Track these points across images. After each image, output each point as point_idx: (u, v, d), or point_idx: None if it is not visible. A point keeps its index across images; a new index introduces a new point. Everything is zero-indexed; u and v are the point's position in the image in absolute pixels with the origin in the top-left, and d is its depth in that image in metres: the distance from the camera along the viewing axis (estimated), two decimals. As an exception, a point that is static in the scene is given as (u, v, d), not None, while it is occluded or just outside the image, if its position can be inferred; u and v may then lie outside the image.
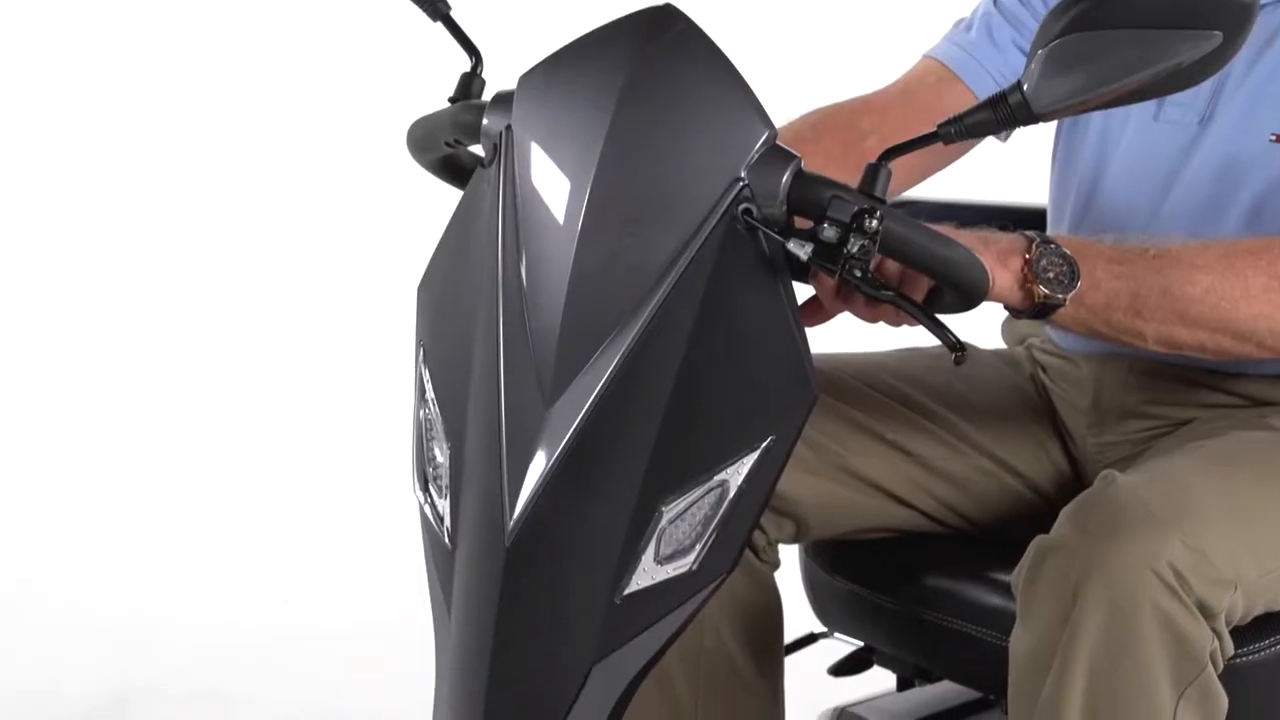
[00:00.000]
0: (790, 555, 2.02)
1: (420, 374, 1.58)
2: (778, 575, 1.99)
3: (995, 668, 1.75)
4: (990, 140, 2.13)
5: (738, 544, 1.49)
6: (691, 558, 1.48)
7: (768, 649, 1.93)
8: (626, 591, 1.48)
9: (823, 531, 1.92)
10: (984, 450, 1.93)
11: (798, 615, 2.08)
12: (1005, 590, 1.78)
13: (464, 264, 1.55)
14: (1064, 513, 1.60)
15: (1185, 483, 1.63)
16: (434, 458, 1.55)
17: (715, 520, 1.47)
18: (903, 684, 2.05)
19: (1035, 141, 2.26)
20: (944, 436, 1.92)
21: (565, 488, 1.46)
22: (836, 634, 2.08)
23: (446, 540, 1.53)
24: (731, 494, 1.47)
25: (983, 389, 1.97)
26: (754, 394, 1.47)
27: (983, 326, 1.92)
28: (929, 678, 1.98)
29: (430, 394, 1.56)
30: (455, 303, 1.56)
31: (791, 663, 2.08)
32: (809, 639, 2.09)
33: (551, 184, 1.49)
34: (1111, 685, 1.56)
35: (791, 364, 1.46)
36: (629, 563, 1.47)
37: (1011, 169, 2.58)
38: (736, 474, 1.47)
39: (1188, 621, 1.57)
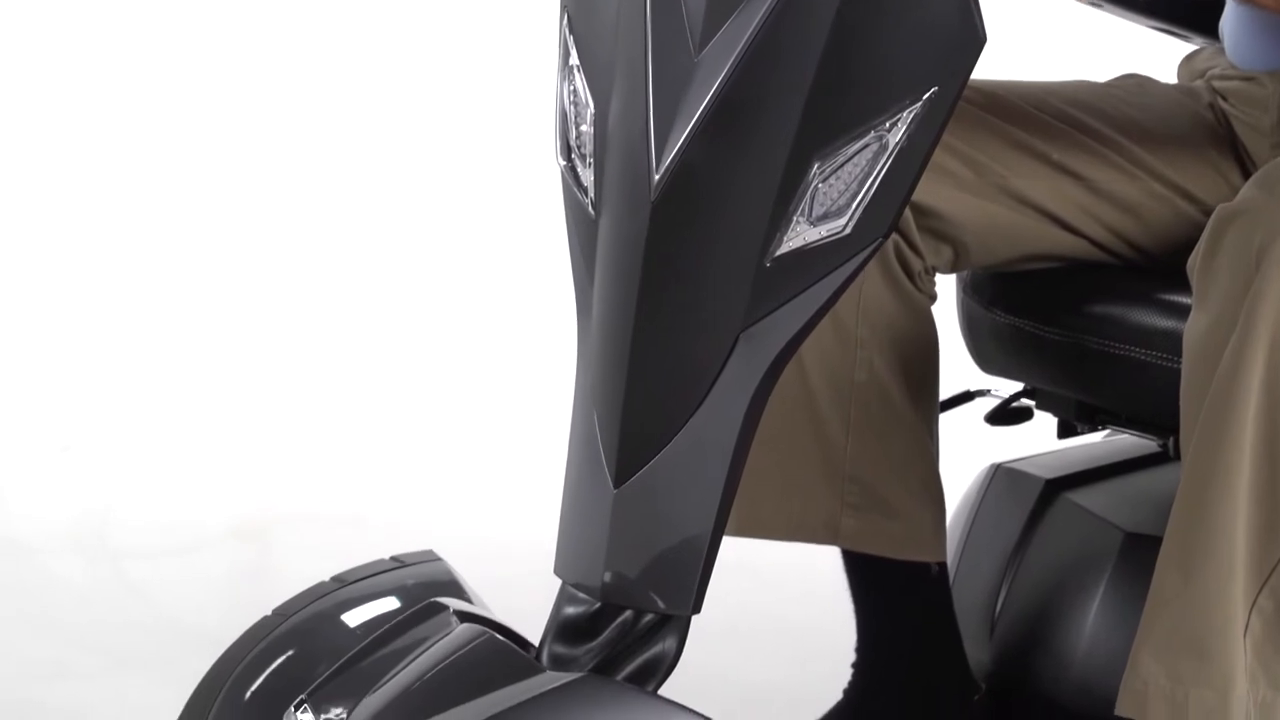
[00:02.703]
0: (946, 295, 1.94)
1: (564, 41, 1.51)
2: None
3: (1165, 393, 1.67)
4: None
5: (895, 207, 1.41)
6: (845, 219, 1.40)
7: (923, 383, 1.86)
8: (777, 253, 1.41)
9: (982, 258, 1.84)
10: (1158, 174, 1.82)
11: (953, 373, 2.01)
12: (1178, 312, 1.70)
13: (612, -84, 1.48)
14: (1248, 183, 1.51)
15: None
16: (578, 127, 1.49)
17: (872, 179, 1.39)
18: (1064, 429, 1.96)
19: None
20: (1115, 160, 1.82)
21: (713, 139, 1.39)
22: (993, 390, 2.01)
23: (590, 210, 1.47)
24: (890, 150, 1.39)
25: (1158, 115, 1.86)
26: (917, 40, 1.37)
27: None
28: (1092, 421, 1.89)
29: (575, 60, 1.49)
30: (601, -41, 1.49)
31: (947, 420, 2.00)
32: (965, 396, 2.01)
33: None
34: (1297, 353, 1.46)
35: (958, 5, 1.37)
36: (779, 222, 1.40)
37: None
38: (896, 129, 1.39)
39: None
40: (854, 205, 1.40)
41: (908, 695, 1.89)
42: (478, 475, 3.35)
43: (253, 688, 1.60)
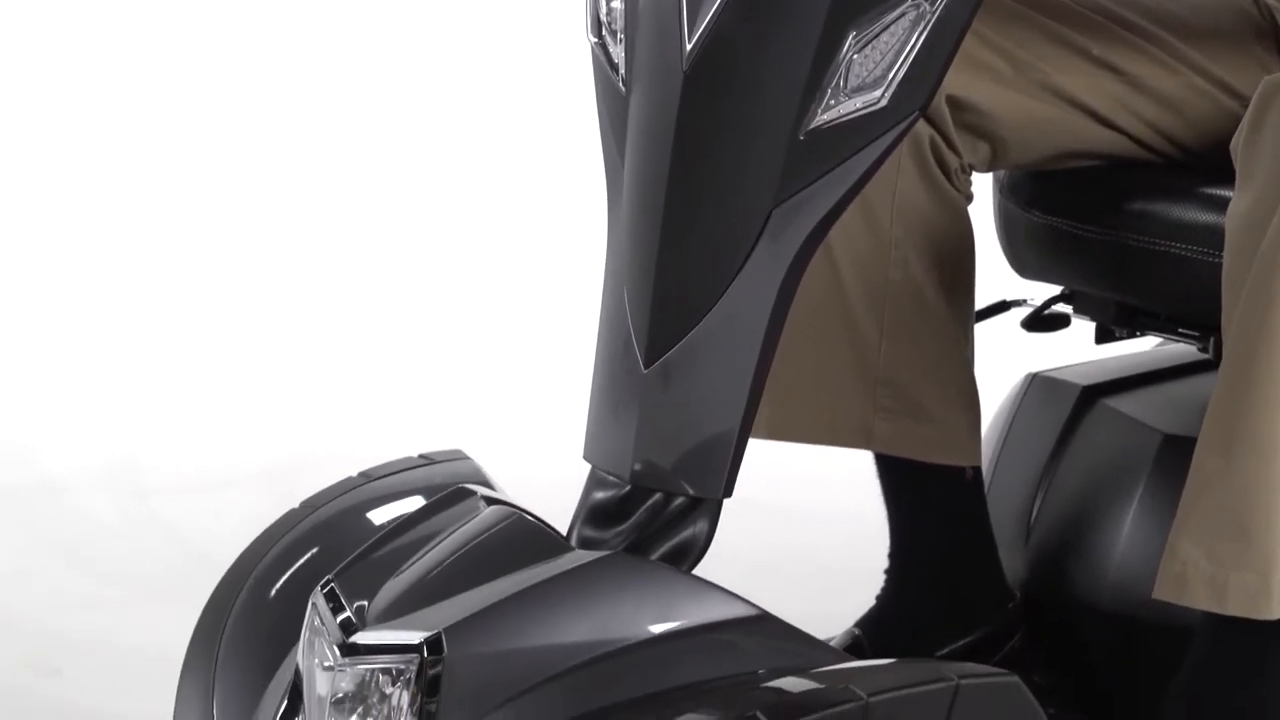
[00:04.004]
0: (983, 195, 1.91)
1: (594, -83, 1.49)
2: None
3: (1206, 289, 1.63)
4: None
5: (932, 79, 1.38)
6: (881, 91, 1.37)
7: (959, 284, 1.82)
8: (811, 126, 1.38)
9: (1019, 155, 1.80)
10: (1200, 69, 1.78)
11: (987, 283, 1.98)
12: (1220, 206, 1.65)
13: None
14: None
15: None
16: (609, 3, 1.46)
17: (908, 49, 1.36)
18: (1102, 334, 1.92)
19: None
20: (1156, 54, 1.78)
21: (747, 8, 1.37)
22: (1029, 299, 1.98)
23: (621, 86, 1.44)
24: (927, 20, 1.36)
25: (1200, 9, 1.82)
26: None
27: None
28: (1131, 324, 1.86)
29: (605, -65, 1.47)
30: None
31: (981, 330, 1.97)
32: (1000, 306, 1.98)
33: None
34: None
35: None
36: (814, 94, 1.37)
37: None
38: (934, -4, 1.37)
39: None
40: (890, 76, 1.37)
41: (941, 602, 1.86)
42: (510, 420, 3.35)
43: (277, 578, 1.59)
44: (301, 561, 1.60)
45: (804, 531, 2.99)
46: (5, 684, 2.53)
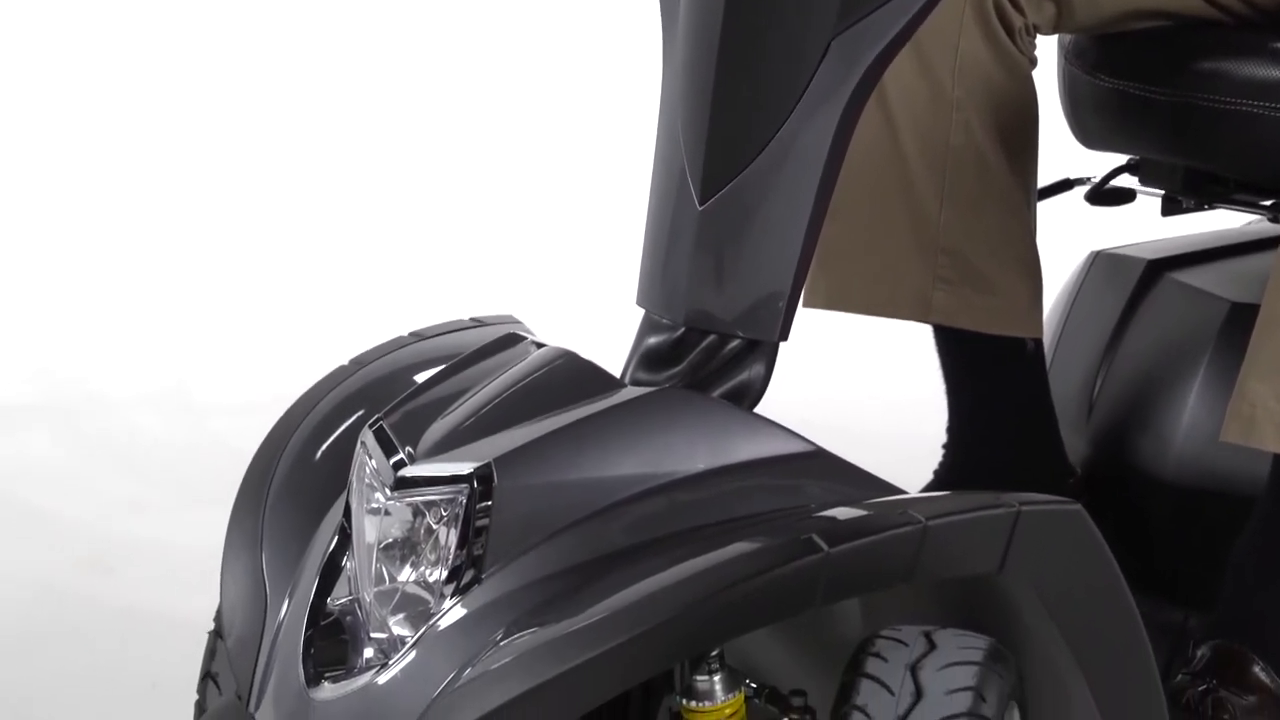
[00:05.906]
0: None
1: None
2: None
3: (1277, 148, 1.60)
4: None
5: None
6: (945, -85, 1.35)
7: (1022, 150, 1.78)
8: (872, -47, 1.35)
9: (1086, 16, 1.76)
10: (1273, -73, 1.74)
11: (1051, 157, 1.95)
12: (1292, 62, 1.63)
13: None
14: None
15: None
16: None
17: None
18: (1169, 206, 1.88)
19: None
20: (1230, -90, 1.74)
21: None
22: (1093, 177, 1.93)
23: (677, -86, 1.41)
24: None
25: None
26: None
27: None
28: (1198, 192, 1.81)
29: None
30: None
31: (1045, 210, 1.93)
32: (1064, 184, 1.94)
33: None
34: None
35: None
36: (872, -85, 1.34)
37: None
38: None
39: None
40: (953, -100, 1.35)
41: (1000, 476, 1.82)
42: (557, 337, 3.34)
43: (325, 430, 1.56)
44: (348, 415, 1.56)
45: (861, 451, 2.95)
46: (61, 582, 2.57)
